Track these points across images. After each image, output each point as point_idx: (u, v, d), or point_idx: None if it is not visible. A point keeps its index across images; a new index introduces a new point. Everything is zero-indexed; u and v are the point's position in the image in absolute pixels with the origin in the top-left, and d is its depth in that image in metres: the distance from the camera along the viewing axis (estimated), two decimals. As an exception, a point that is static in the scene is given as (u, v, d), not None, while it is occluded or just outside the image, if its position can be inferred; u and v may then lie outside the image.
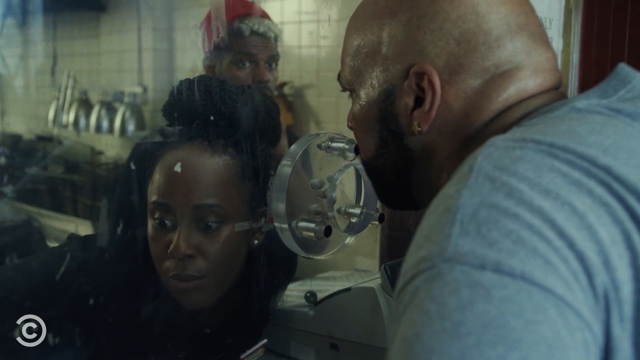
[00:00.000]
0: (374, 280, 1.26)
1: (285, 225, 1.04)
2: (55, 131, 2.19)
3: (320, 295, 1.32)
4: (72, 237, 1.11)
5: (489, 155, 0.58)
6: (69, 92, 2.24)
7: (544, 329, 0.45)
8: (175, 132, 1.06)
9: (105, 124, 2.24)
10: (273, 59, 1.70)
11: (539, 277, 0.48)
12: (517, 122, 0.71)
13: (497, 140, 0.61)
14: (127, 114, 2.26)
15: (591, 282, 0.50)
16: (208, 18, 1.62)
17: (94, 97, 2.25)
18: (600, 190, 0.54)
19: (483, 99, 0.73)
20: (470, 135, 0.73)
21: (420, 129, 0.74)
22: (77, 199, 1.86)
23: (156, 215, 1.04)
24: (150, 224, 1.06)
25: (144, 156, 1.10)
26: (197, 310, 1.11)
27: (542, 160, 0.56)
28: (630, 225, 0.53)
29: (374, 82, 0.78)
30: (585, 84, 2.00)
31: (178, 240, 1.01)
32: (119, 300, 1.06)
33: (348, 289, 1.25)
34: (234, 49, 1.59)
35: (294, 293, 1.43)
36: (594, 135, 0.60)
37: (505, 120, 0.72)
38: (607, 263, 0.51)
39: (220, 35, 1.26)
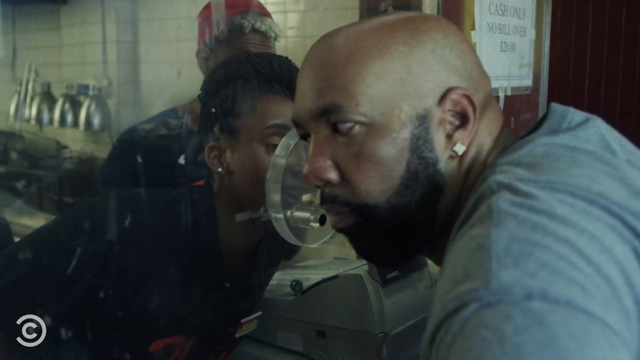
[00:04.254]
0: (360, 267, 1.29)
1: (281, 215, 1.06)
2: (18, 126, 2.16)
3: (304, 284, 1.34)
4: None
5: (501, 195, 0.62)
6: (30, 85, 2.20)
7: (594, 350, 0.48)
8: (179, 124, 1.09)
9: (69, 117, 2.21)
10: None
11: (581, 303, 0.51)
12: (498, 154, 0.76)
13: (500, 179, 0.65)
14: (93, 108, 2.22)
15: (621, 304, 0.54)
16: (207, 9, 1.61)
17: (57, 90, 2.22)
18: (604, 215, 0.59)
19: (488, 118, 0.79)
20: (484, 154, 0.78)
21: (464, 147, 0.76)
22: (42, 194, 1.84)
23: (271, 140, 1.13)
24: (261, 149, 1.14)
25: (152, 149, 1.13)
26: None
27: (549, 195, 0.60)
28: (637, 243, 0.58)
29: (404, 109, 0.75)
30: (553, 73, 2.05)
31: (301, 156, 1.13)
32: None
33: (335, 277, 1.27)
34: (232, 44, 1.57)
35: (276, 282, 1.45)
36: (575, 168, 0.66)
37: (496, 149, 0.78)
38: (629, 281, 0.55)
39: (220, 27, 1.26)
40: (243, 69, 1.17)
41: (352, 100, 0.75)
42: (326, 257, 1.75)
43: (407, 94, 0.75)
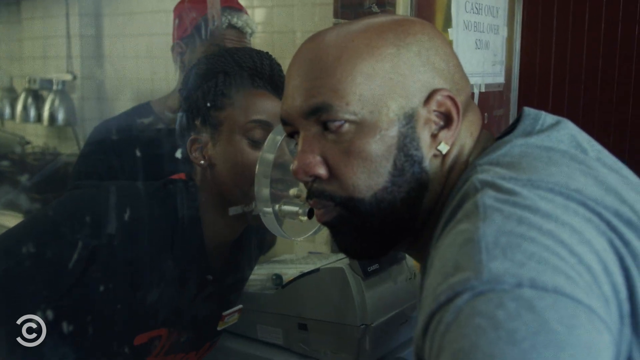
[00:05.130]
0: (339, 260, 1.30)
1: (269, 209, 1.07)
2: (-22, 121, 2.12)
3: (284, 279, 1.35)
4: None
5: (485, 192, 0.66)
6: (-10, 79, 2.16)
7: (581, 332, 0.52)
8: (176, 119, 1.09)
9: (32, 112, 2.17)
10: None
11: (567, 290, 0.54)
12: (478, 155, 0.80)
13: (483, 178, 0.69)
14: (57, 102, 2.19)
15: (601, 291, 0.58)
16: (183, 3, 1.61)
17: (19, 85, 2.18)
18: (582, 210, 0.64)
19: (469, 120, 0.82)
20: (465, 154, 0.81)
21: (448, 147, 0.79)
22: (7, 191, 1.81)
23: (253, 134, 1.14)
24: (243, 142, 1.15)
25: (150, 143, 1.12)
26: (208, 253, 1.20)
27: (530, 191, 0.64)
28: (611, 234, 0.63)
29: (392, 108, 0.77)
30: (524, 71, 2.09)
31: (284, 150, 1.14)
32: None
33: (316, 270, 1.28)
34: (208, 39, 1.56)
35: (254, 277, 1.46)
36: (552, 167, 0.70)
37: (476, 149, 0.81)
38: (607, 270, 0.59)
39: (216, 23, 1.26)
40: (225, 63, 1.17)
41: (343, 99, 0.77)
42: (298, 252, 1.76)
43: (395, 93, 0.77)
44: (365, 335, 1.23)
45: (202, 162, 1.16)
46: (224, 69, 1.17)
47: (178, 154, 1.10)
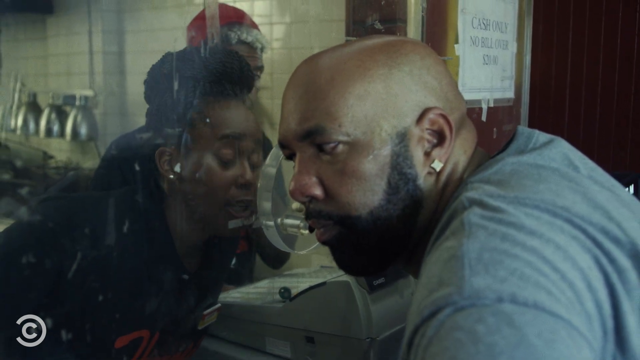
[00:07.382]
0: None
1: (271, 222, 1.08)
2: (3, 135, 2.16)
3: (293, 292, 1.37)
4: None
5: (472, 210, 0.67)
6: (16, 95, 2.20)
7: (560, 347, 0.52)
8: (176, 134, 1.11)
9: (56, 128, 2.21)
10: (257, 69, 1.70)
11: (548, 306, 0.55)
12: (472, 172, 0.81)
13: (471, 196, 0.71)
14: (79, 118, 2.23)
15: (583, 307, 0.59)
16: (197, 20, 1.64)
17: (43, 100, 2.22)
18: (567, 227, 0.65)
19: (463, 137, 0.84)
20: (459, 171, 0.82)
21: (442, 164, 0.80)
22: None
23: (224, 151, 1.15)
24: (214, 162, 1.15)
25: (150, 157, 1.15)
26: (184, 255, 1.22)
27: (516, 209, 0.66)
28: (597, 251, 0.64)
29: (384, 127, 0.79)
30: (534, 85, 2.09)
31: (246, 169, 1.16)
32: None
33: (323, 283, 1.29)
34: None
35: (264, 290, 1.47)
36: (541, 184, 0.71)
37: (471, 166, 0.83)
38: (590, 287, 0.60)
39: (215, 40, 1.29)
40: (194, 68, 1.17)
41: (335, 121, 0.79)
42: (312, 266, 1.77)
43: (388, 113, 0.79)
44: (370, 349, 1.24)
45: (172, 176, 1.17)
46: (194, 75, 1.17)
47: (177, 169, 1.12)
